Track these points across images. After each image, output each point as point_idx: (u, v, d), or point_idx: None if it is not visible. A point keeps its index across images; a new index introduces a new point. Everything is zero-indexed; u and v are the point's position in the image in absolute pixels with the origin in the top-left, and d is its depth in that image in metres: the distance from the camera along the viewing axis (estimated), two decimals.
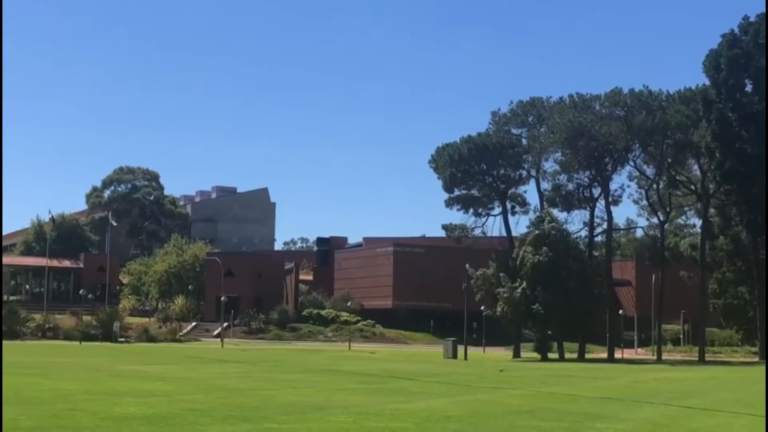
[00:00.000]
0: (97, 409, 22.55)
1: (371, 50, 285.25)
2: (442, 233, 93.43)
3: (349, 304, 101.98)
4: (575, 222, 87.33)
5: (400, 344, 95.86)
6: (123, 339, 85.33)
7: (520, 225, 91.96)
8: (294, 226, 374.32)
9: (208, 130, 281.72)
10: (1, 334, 53.22)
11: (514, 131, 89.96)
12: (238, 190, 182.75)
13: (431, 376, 42.65)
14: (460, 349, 72.71)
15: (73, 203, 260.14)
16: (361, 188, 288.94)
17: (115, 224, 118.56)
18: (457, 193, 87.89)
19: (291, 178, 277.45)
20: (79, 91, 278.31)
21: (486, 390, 34.80)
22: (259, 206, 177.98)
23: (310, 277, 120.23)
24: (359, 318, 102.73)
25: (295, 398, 27.73)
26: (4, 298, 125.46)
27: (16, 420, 19.98)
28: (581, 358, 79.74)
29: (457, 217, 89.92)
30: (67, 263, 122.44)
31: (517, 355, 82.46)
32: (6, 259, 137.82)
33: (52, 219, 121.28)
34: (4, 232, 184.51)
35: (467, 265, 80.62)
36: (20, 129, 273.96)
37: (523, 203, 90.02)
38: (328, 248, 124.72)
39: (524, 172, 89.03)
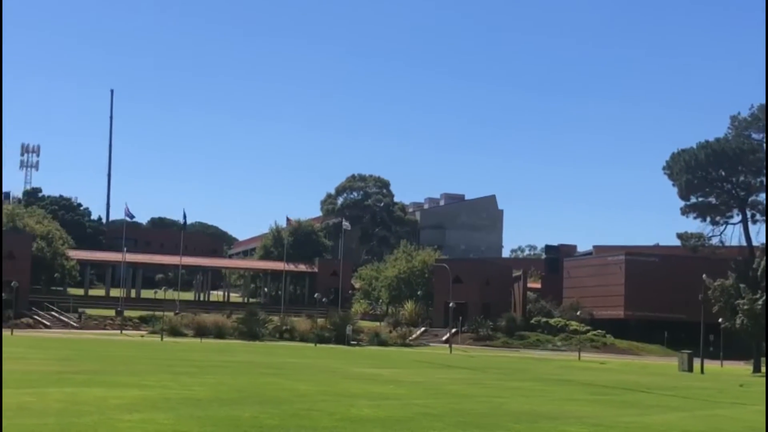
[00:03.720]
0: (333, 410, 23.19)
1: (603, 54, 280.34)
2: (677, 242, 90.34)
3: (578, 313, 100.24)
4: None
5: (632, 355, 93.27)
6: (355, 342, 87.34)
7: (762, 234, 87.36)
8: (522, 233, 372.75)
9: (438, 138, 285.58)
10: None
11: (754, 136, 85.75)
12: (466, 197, 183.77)
13: (666, 390, 41.33)
14: (696, 362, 69.95)
15: (308, 210, 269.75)
16: (590, 195, 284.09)
17: (348, 229, 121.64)
18: (693, 200, 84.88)
19: (519, 185, 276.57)
20: (312, 103, 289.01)
21: (725, 405, 33.38)
22: (486, 213, 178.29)
23: (538, 285, 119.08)
24: (589, 327, 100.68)
25: (526, 407, 27.51)
26: (245, 299, 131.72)
27: (258, 418, 20.85)
28: None
29: (693, 225, 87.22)
30: (302, 267, 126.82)
31: (757, 369, 78.36)
32: (246, 263, 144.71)
33: (289, 220, 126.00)
34: (246, 237, 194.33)
35: (704, 276, 77.38)
36: (261, 141, 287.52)
37: (765, 211, 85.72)
38: (557, 256, 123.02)
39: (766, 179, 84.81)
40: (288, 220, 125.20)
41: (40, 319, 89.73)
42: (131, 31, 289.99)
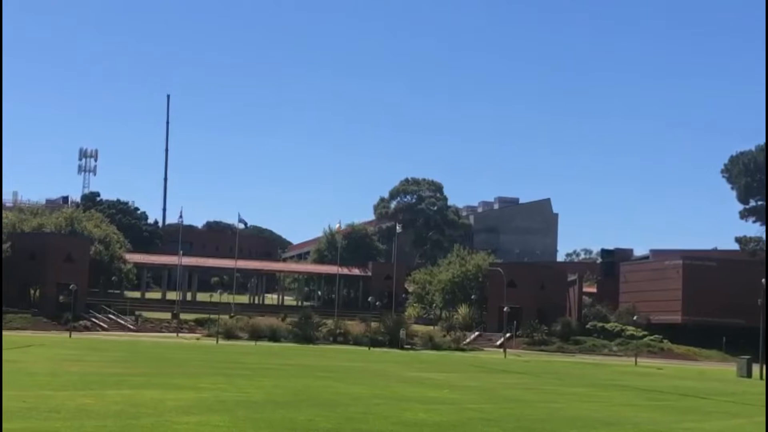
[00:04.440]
0: (388, 414, 23.15)
1: (656, 56, 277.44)
2: (736, 246, 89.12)
3: (635, 317, 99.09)
4: None
5: (689, 361, 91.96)
6: (409, 346, 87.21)
7: None
8: (577, 237, 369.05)
9: (491, 141, 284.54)
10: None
11: None
12: (521, 201, 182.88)
13: (725, 395, 40.72)
14: (755, 367, 68.75)
15: (361, 213, 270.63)
16: (646, 198, 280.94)
17: (400, 232, 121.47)
18: (752, 203, 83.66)
19: (574, 189, 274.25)
20: (366, 107, 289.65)
21: None
22: (541, 217, 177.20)
23: (593, 290, 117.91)
24: (646, 332, 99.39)
25: (582, 412, 27.25)
26: (299, 303, 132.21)
27: (313, 421, 20.89)
28: None
29: (752, 229, 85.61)
30: (356, 271, 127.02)
31: None
32: (300, 267, 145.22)
33: (339, 229, 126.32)
34: (301, 241, 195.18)
35: (764, 280, 76.09)
36: (315, 145, 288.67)
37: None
38: (613, 260, 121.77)
39: None
40: (338, 227, 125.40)
41: (97, 321, 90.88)
42: (188, 37, 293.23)
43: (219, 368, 41.05)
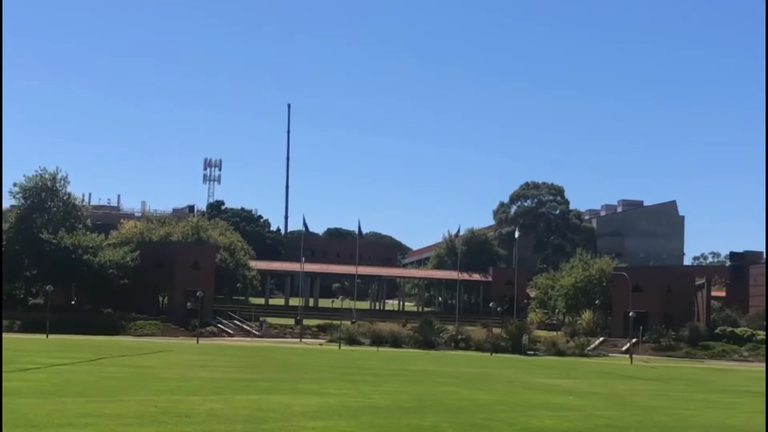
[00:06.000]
0: (514, 421, 22.91)
1: None
2: None
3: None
4: None
5: None
6: (531, 352, 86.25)
7: None
8: (704, 240, 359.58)
9: (613, 142, 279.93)
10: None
11: None
12: (645, 204, 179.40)
13: None
14: None
15: (481, 219, 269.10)
16: None
17: (519, 237, 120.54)
18: None
19: (701, 190, 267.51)
20: (485, 112, 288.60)
21: None
22: (667, 220, 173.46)
23: (722, 294, 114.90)
24: None
25: (713, 419, 26.48)
26: (419, 308, 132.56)
27: (438, 427, 20.82)
28: None
29: None
30: (476, 276, 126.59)
31: None
32: (421, 272, 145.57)
33: (454, 235, 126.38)
34: (421, 246, 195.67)
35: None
36: (435, 151, 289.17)
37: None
38: (743, 263, 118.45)
39: None
40: (456, 235, 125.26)
41: (223, 327, 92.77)
42: (310, 51, 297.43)
43: (343, 374, 41.37)
